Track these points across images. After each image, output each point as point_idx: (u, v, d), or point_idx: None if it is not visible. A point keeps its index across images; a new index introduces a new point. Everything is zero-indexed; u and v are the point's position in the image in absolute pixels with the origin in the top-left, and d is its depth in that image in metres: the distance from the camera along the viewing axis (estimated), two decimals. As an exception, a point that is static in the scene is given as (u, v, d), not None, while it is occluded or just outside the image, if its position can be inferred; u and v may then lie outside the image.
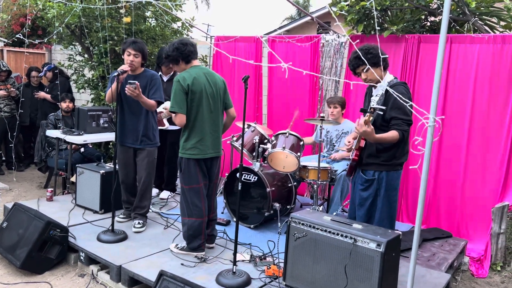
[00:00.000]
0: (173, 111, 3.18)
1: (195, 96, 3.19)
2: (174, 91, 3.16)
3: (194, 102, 3.19)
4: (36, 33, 8.54)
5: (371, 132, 2.84)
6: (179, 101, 3.15)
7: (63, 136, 4.87)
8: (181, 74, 3.21)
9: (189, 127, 3.23)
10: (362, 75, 3.07)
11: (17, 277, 3.29)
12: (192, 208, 3.29)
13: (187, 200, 3.30)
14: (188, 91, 3.16)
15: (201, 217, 3.31)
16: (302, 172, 4.16)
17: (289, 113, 5.33)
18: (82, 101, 8.31)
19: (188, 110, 3.19)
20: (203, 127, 3.25)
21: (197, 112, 3.22)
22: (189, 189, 3.28)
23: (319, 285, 2.66)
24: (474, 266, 3.92)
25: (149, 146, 3.89)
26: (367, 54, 2.95)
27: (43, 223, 3.35)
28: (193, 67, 3.28)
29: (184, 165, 3.27)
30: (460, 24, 4.51)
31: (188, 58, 3.26)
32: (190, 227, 3.30)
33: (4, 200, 4.86)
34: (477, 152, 4.11)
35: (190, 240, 3.34)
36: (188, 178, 3.27)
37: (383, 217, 3.07)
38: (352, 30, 4.88)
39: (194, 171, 3.26)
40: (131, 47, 3.74)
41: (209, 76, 3.29)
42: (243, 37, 5.59)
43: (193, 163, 3.25)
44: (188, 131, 3.24)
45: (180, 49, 3.21)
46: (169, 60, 3.29)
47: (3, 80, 6.02)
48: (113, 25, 5.47)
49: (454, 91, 4.19)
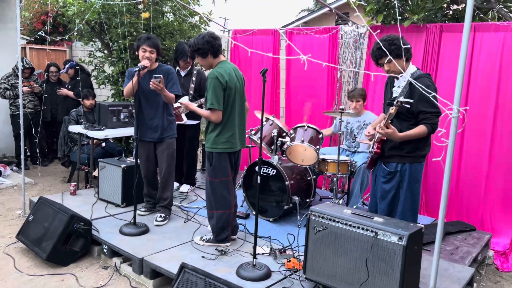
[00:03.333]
0: (212, 108, 3.15)
1: (231, 92, 3.21)
2: (213, 87, 3.13)
3: (230, 98, 3.21)
4: (57, 30, 8.71)
5: (393, 132, 2.82)
6: (218, 98, 3.14)
7: (85, 131, 4.97)
8: (217, 70, 3.17)
9: (222, 122, 3.24)
10: (385, 66, 3.01)
11: (43, 269, 3.38)
12: (221, 201, 3.33)
13: (216, 193, 3.32)
14: (226, 88, 3.16)
15: (229, 209, 3.36)
16: (321, 165, 4.13)
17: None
18: (102, 97, 8.45)
19: (224, 106, 3.20)
20: (235, 122, 3.28)
21: (232, 107, 3.24)
22: (219, 182, 3.30)
23: (340, 278, 2.65)
24: (499, 260, 3.84)
25: (168, 138, 3.93)
26: (391, 45, 2.89)
27: (67, 216, 3.43)
28: (222, 62, 3.27)
29: (216, 159, 3.28)
30: (484, 12, 4.38)
31: (217, 53, 3.24)
32: (219, 220, 3.34)
33: (29, 194, 5.00)
34: (501, 144, 4.00)
35: (218, 232, 3.37)
36: (219, 172, 3.30)
37: (405, 209, 3.03)
38: (372, 21, 4.80)
39: (225, 164, 3.29)
40: (146, 43, 3.73)
41: (236, 71, 3.32)
42: (261, 30, 5.57)
43: (224, 157, 3.28)
44: (222, 126, 3.24)
45: (211, 43, 3.18)
46: (199, 52, 3.23)
47: (27, 77, 6.16)
48: (132, 21, 5.52)
49: (477, 81, 4.08)
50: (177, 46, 4.69)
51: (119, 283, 3.20)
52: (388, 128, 2.82)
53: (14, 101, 6.13)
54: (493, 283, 3.54)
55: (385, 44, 2.89)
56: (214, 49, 3.20)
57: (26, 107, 6.12)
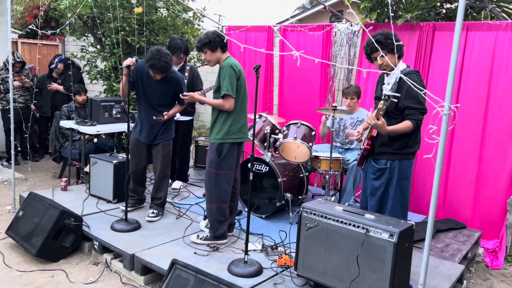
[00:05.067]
0: (228, 94, 3.19)
1: (243, 82, 3.31)
2: (229, 75, 3.19)
3: (241, 88, 3.30)
4: (49, 24, 8.62)
5: (382, 124, 2.84)
6: (234, 86, 3.22)
7: (77, 126, 4.93)
8: (230, 61, 3.25)
9: (235, 111, 3.29)
10: (378, 60, 3.00)
11: (33, 265, 3.35)
12: (222, 194, 3.34)
13: (218, 186, 3.32)
14: (239, 77, 3.25)
15: (227, 202, 3.39)
16: (314, 162, 4.13)
17: (300, 103, 5.30)
18: (95, 92, 8.38)
19: (237, 95, 3.27)
20: (246, 112, 3.39)
21: (243, 97, 3.34)
22: (223, 175, 3.32)
23: (331, 275, 2.65)
24: (489, 258, 3.87)
25: (164, 140, 3.92)
26: (387, 39, 2.90)
27: (57, 212, 3.40)
28: (229, 57, 3.34)
29: (226, 150, 3.29)
30: (477, 11, 4.40)
31: (225, 47, 3.30)
32: (219, 213, 3.35)
33: (19, 190, 4.95)
34: (491, 142, 4.02)
35: (217, 227, 3.37)
36: (225, 164, 3.31)
37: (395, 206, 3.04)
38: (366, 18, 4.80)
39: (232, 155, 3.33)
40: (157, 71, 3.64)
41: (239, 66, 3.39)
42: (255, 27, 5.55)
43: (235, 147, 3.32)
44: (234, 115, 3.30)
45: (221, 37, 3.24)
46: (210, 45, 3.23)
47: (18, 71, 6.09)
48: (125, 16, 5.47)
49: (468, 80, 4.10)
50: (171, 41, 4.66)
51: (109, 279, 3.18)
52: (379, 119, 2.83)
53: (4, 95, 6.06)
54: (482, 280, 3.57)
55: (381, 37, 2.90)
56: (223, 44, 3.26)
57: (16, 102, 6.05)
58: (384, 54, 2.86)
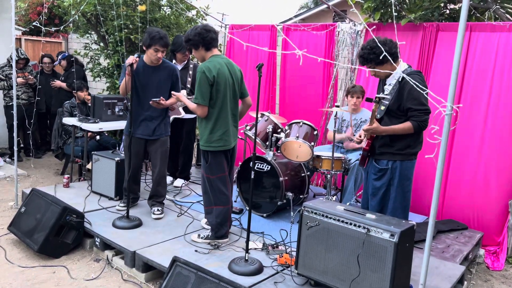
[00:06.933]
0: (197, 102, 3.13)
1: (221, 87, 3.14)
2: (199, 82, 3.10)
3: (219, 93, 3.15)
4: (53, 22, 8.65)
5: (376, 127, 2.90)
6: (204, 93, 3.10)
7: (79, 123, 4.94)
8: (205, 64, 3.13)
9: (213, 119, 3.19)
10: (370, 72, 3.05)
11: (35, 260, 3.37)
12: (220, 196, 3.31)
13: (214, 189, 3.30)
14: (213, 83, 3.11)
15: (228, 204, 3.35)
16: (315, 162, 4.13)
17: (302, 102, 5.30)
18: (97, 90, 8.41)
19: (213, 102, 3.15)
20: (227, 118, 3.23)
21: (222, 103, 3.18)
22: (216, 179, 3.29)
23: (331, 274, 2.66)
24: (490, 259, 3.87)
25: (162, 136, 3.92)
26: (370, 54, 2.93)
27: (59, 208, 3.41)
28: (214, 56, 3.22)
29: (211, 157, 3.25)
30: (481, 11, 4.39)
31: (209, 45, 3.19)
32: (219, 215, 3.32)
33: (22, 186, 4.97)
34: (493, 143, 4.01)
35: (218, 228, 3.36)
36: (215, 169, 3.28)
37: (396, 207, 3.04)
38: (369, 18, 4.79)
39: (220, 161, 3.28)
40: (159, 44, 3.62)
41: (229, 66, 3.25)
42: (258, 26, 5.55)
43: (219, 154, 3.26)
44: (213, 123, 3.19)
45: (202, 35, 3.15)
46: (189, 44, 3.21)
47: (21, 68, 6.11)
48: (128, 14, 5.48)
49: (470, 81, 4.09)
50: (175, 39, 4.67)
51: (110, 276, 3.20)
52: (373, 124, 2.89)
53: (8, 92, 6.08)
54: (483, 281, 3.57)
55: (365, 52, 2.95)
56: (205, 42, 3.17)
57: (20, 98, 6.07)
58: (372, 68, 2.91)
